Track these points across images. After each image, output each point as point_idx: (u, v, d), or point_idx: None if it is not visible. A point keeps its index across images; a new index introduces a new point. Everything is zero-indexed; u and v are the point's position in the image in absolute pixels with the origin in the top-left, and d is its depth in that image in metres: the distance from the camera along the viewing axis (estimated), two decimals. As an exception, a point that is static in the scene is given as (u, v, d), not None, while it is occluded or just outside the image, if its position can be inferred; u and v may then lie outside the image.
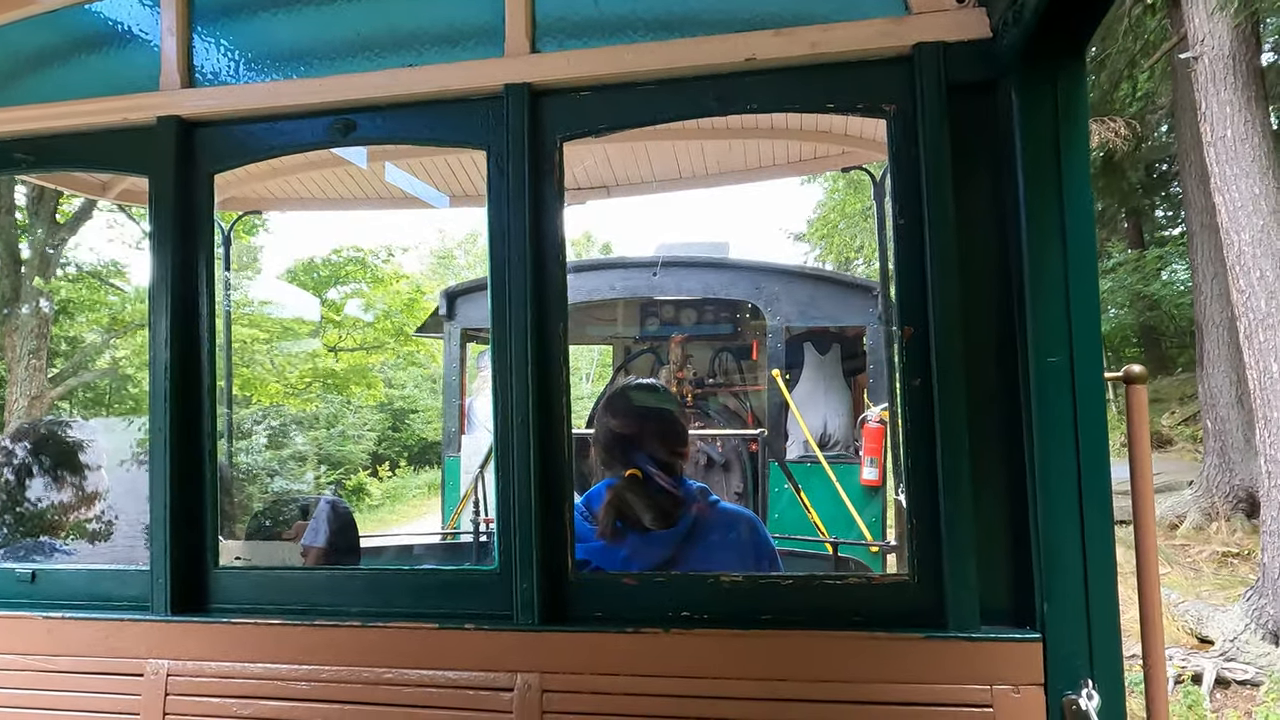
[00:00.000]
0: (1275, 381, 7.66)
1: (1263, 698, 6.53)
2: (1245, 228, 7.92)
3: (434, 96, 1.91)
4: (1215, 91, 8.26)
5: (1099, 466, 1.60)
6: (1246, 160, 8.01)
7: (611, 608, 1.80)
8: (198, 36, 2.05)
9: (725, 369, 8.40)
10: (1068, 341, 1.61)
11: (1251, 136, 8.04)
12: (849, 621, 1.69)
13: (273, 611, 1.92)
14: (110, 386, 16.11)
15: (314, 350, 17.20)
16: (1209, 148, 8.30)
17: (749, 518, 2.23)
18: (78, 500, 2.52)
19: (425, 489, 21.59)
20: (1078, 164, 1.63)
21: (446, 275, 34.95)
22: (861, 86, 1.75)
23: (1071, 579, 1.59)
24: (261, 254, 18.64)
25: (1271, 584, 7.33)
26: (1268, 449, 7.70)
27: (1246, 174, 7.98)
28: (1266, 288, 7.78)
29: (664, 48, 1.80)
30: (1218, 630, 7.48)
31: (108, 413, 16.18)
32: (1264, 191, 7.93)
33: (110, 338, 14.64)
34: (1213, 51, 8.27)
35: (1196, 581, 9.54)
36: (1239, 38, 8.24)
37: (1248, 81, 8.19)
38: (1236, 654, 7.10)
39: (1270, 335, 7.74)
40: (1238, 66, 8.18)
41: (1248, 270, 7.91)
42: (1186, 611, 7.98)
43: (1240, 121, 8.07)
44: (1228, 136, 8.11)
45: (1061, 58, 1.61)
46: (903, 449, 1.72)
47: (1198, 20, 8.49)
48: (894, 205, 1.72)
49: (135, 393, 15.89)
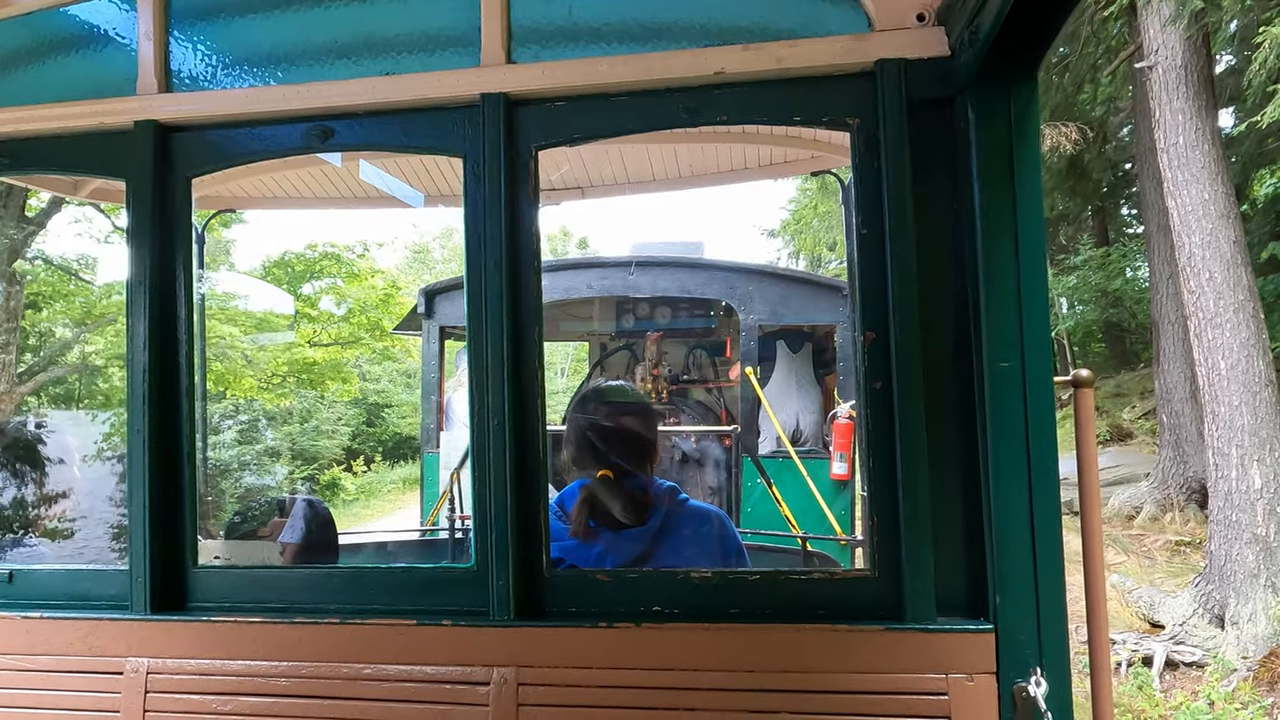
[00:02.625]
0: (1223, 378, 7.89)
1: (1208, 678, 6.78)
2: (1195, 231, 8.14)
3: (412, 105, 1.93)
4: (1168, 100, 8.47)
5: (1048, 466, 1.67)
6: (1197, 166, 8.22)
7: (586, 603, 1.84)
8: (175, 41, 2.04)
9: (700, 365, 8.51)
10: (1019, 347, 1.68)
11: (1202, 143, 8.25)
12: (813, 615, 1.75)
13: (252, 609, 1.94)
14: (80, 380, 15.80)
15: (288, 344, 16.99)
16: (1162, 154, 8.51)
17: (717, 514, 2.29)
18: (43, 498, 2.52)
19: (400, 484, 21.44)
20: (1029, 177, 1.70)
21: (422, 270, 34.67)
22: (826, 100, 1.81)
23: (1022, 573, 1.66)
24: (234, 247, 18.37)
25: (1218, 570, 7.58)
26: (1215, 442, 7.94)
27: (1197, 179, 8.20)
28: (1215, 288, 8.00)
29: (637, 60, 1.84)
30: (1168, 615, 7.72)
31: (77, 407, 15.86)
32: (1213, 196, 8.15)
33: (80, 332, 14.35)
34: (1166, 61, 8.48)
35: (1150, 570, 9.80)
36: (1191, 48, 8.45)
37: (1199, 90, 8.41)
38: (1185, 637, 7.36)
39: (1218, 334, 7.97)
40: (1189, 76, 8.39)
41: (1198, 271, 8.13)
42: (1140, 598, 8.19)
43: (1191, 129, 8.28)
44: (1180, 143, 8.33)
45: (1014, 77, 1.68)
46: (864, 449, 1.78)
47: (1152, 31, 8.72)
48: (856, 215, 1.78)
49: (105, 388, 15.60)
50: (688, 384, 8.36)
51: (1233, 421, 7.81)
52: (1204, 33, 8.64)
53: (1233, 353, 7.90)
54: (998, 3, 1.43)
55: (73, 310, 14.21)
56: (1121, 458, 13.70)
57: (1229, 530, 7.61)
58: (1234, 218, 8.24)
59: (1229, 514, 7.66)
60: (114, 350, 14.08)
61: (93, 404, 15.51)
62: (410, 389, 24.04)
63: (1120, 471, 12.96)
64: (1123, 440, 15.22)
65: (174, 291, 2.01)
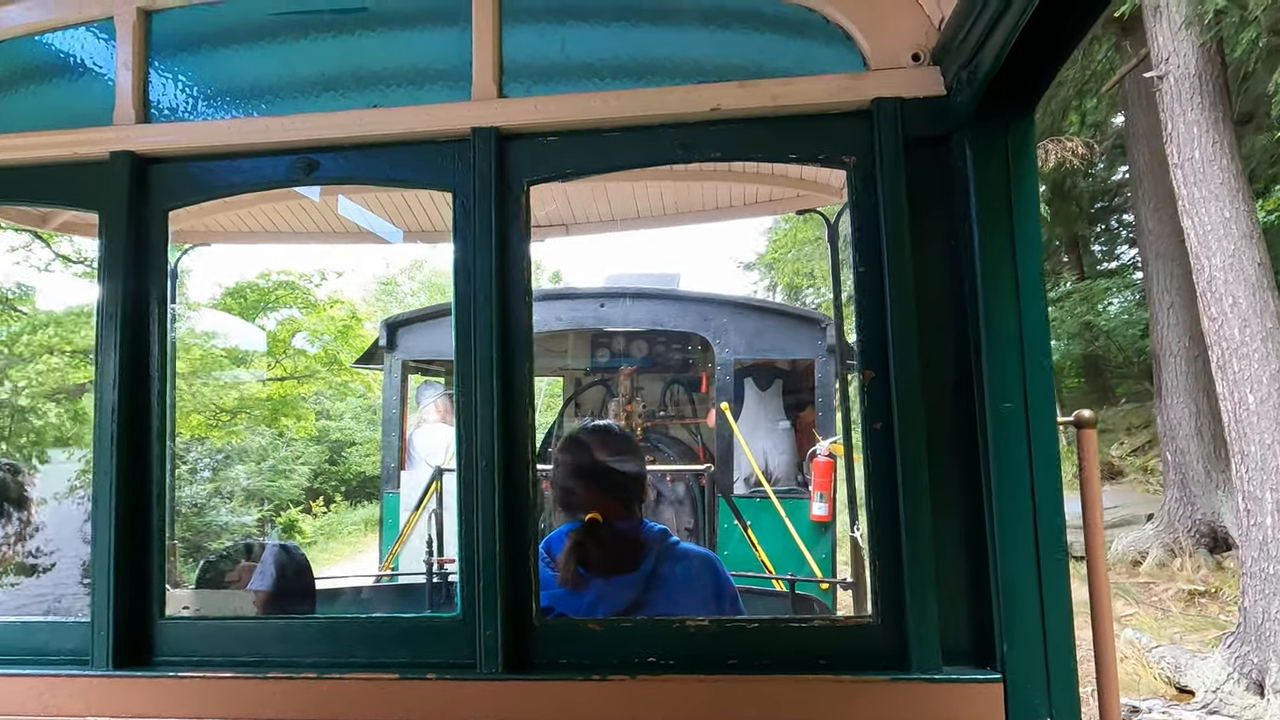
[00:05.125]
0: (1252, 414, 7.57)
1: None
2: (1216, 252, 7.87)
3: (400, 138, 2.00)
4: (1181, 112, 8.25)
5: (1053, 509, 1.75)
6: (1215, 183, 7.98)
7: (577, 655, 1.87)
8: (155, 71, 2.11)
9: (676, 401, 8.62)
10: (1022, 387, 1.76)
11: (1220, 158, 8.04)
12: (814, 665, 1.79)
13: (223, 664, 1.94)
14: (12, 418, 15.48)
15: (237, 381, 16.81)
16: (1176, 169, 8.28)
17: (709, 558, 2.34)
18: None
19: (362, 525, 21.19)
20: (1028, 215, 1.80)
21: (389, 302, 34.59)
22: (822, 138, 1.91)
23: (1029, 619, 1.72)
24: (189, 278, 18.24)
25: (1254, 630, 7.18)
26: (1245, 485, 7.58)
27: (1216, 196, 7.95)
28: (1240, 315, 7.70)
29: (630, 96, 1.93)
30: (1198, 679, 7.28)
31: (6, 446, 15.52)
32: (1234, 215, 7.88)
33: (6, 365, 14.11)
34: (1178, 70, 8.29)
35: (1166, 623, 9.54)
36: (1204, 56, 8.29)
37: (1214, 101, 8.21)
38: (1220, 705, 6.91)
39: (1245, 365, 7.65)
40: (1204, 85, 8.20)
41: (1219, 297, 7.84)
42: (1163, 658, 7.79)
43: (1208, 142, 8.06)
44: (1196, 158, 8.09)
45: (1012, 115, 1.78)
46: (865, 491, 1.85)
47: (1161, 39, 8.55)
48: (854, 253, 1.87)
49: (39, 425, 15.28)
50: (663, 420, 8.46)
51: (1265, 462, 7.42)
52: (1218, 39, 8.45)
53: (1262, 385, 7.56)
54: (998, 43, 1.53)
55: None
56: (1119, 498, 13.71)
57: (1266, 584, 7.18)
58: (1257, 238, 7.95)
59: (1264, 565, 7.22)
60: (39, 389, 13.82)
61: (19, 444, 15.16)
62: (374, 425, 23.84)
63: (1120, 513, 12.93)
64: (1114, 478, 15.32)
65: (146, 327, 2.04)
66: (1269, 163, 11.90)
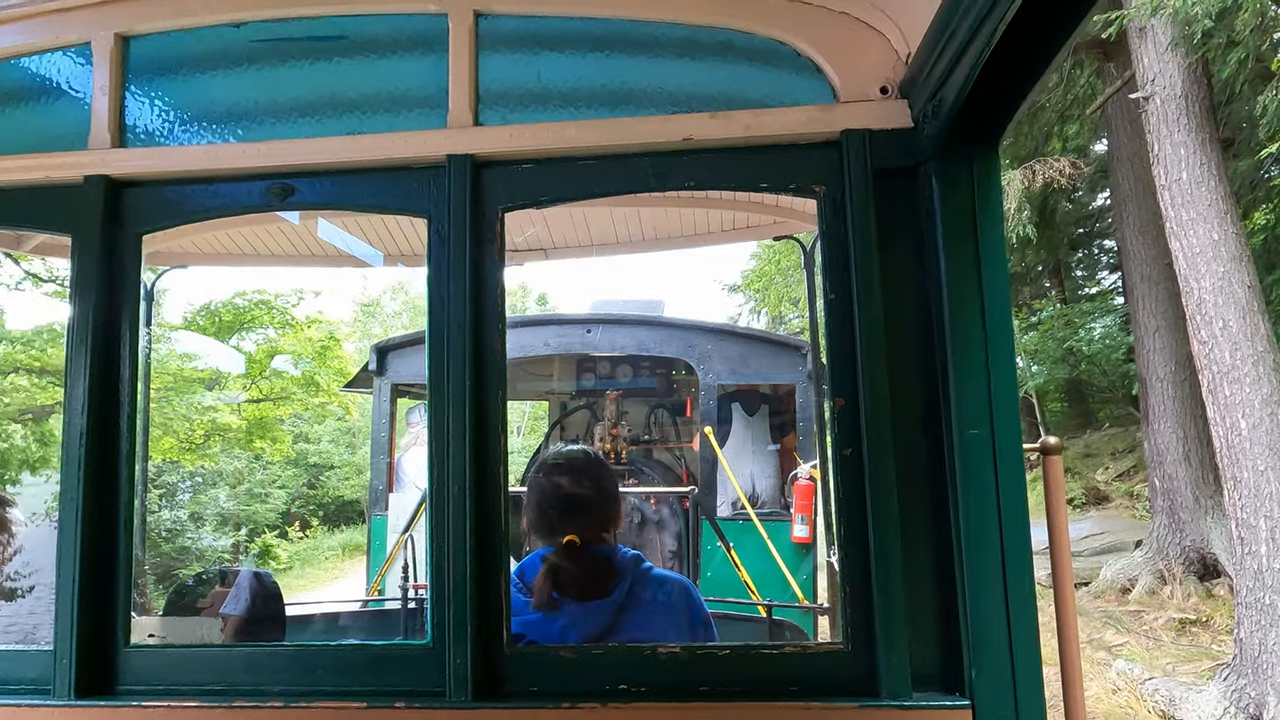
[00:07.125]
0: (1244, 439, 7.51)
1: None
2: (1205, 275, 7.89)
3: (376, 164, 2.05)
4: (1168, 133, 8.32)
5: (1020, 535, 1.80)
6: (1203, 204, 8.02)
7: (548, 682, 1.89)
8: (131, 95, 2.16)
9: (660, 425, 8.81)
10: (988, 414, 1.82)
11: (1208, 179, 8.09)
12: (785, 691, 1.83)
13: (189, 693, 1.95)
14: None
15: (212, 405, 16.68)
16: (1163, 191, 8.34)
17: (683, 583, 2.37)
18: None
19: (340, 550, 21.00)
20: (993, 244, 1.87)
21: (371, 323, 34.53)
22: (794, 168, 1.98)
23: (997, 646, 1.77)
24: (165, 297, 18.13)
25: (1251, 662, 7.06)
26: (1238, 512, 7.55)
27: (1204, 218, 7.99)
28: (1230, 338, 7.68)
29: (605, 125, 2.00)
30: (1193, 713, 7.17)
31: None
32: (1223, 237, 7.89)
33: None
34: (1164, 91, 8.39)
35: (1158, 653, 9.47)
36: (1191, 77, 8.38)
37: (1201, 123, 8.29)
38: None
39: (1236, 389, 7.63)
40: (1190, 107, 8.29)
41: (1209, 320, 7.83)
42: (1156, 690, 7.69)
43: (1195, 164, 8.13)
44: (1183, 179, 8.16)
45: (977, 147, 1.86)
46: (835, 518, 1.90)
47: (1147, 60, 8.66)
48: (824, 280, 1.93)
49: (3, 447, 15.08)
50: (648, 444, 8.63)
51: (1259, 489, 7.36)
52: (1204, 60, 8.55)
53: (1254, 410, 7.52)
54: (961, 78, 1.60)
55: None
56: (1106, 523, 13.74)
57: (1262, 615, 7.06)
58: (1246, 260, 7.96)
59: (1260, 595, 7.11)
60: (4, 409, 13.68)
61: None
62: (353, 449, 23.72)
63: (1107, 539, 12.94)
64: (1100, 504, 15.40)
65: (118, 351, 2.07)
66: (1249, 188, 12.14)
